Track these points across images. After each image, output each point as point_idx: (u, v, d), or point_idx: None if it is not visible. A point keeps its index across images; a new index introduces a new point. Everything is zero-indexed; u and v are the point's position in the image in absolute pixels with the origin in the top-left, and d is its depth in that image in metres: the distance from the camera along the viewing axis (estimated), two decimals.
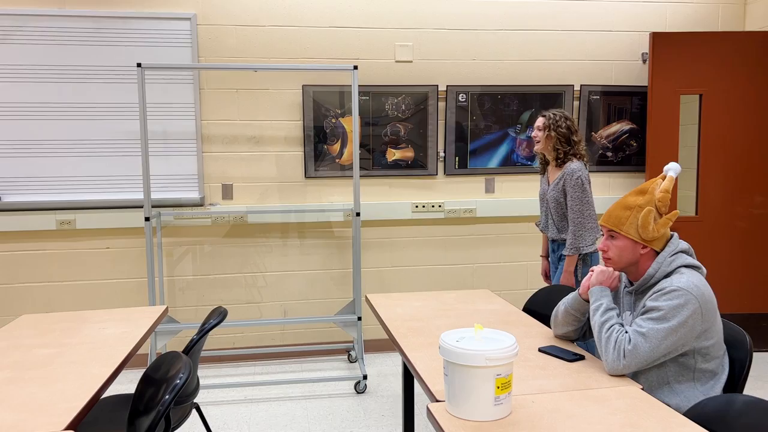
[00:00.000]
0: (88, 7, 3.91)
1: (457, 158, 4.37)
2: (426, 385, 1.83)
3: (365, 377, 3.75)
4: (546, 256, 3.55)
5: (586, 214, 3.16)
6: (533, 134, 3.31)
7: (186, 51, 4.01)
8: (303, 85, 4.15)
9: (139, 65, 3.66)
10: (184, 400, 2.36)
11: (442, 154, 4.35)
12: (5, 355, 2.14)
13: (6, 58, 3.85)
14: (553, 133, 3.23)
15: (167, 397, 1.71)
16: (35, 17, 3.85)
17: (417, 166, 4.34)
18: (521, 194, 4.49)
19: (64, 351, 2.18)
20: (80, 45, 3.91)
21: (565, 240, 3.26)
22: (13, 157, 3.92)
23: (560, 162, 3.24)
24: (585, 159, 3.26)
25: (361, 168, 4.25)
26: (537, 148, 3.31)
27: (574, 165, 3.18)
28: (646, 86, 4.48)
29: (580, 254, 3.18)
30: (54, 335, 2.37)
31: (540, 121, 3.29)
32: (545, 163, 3.41)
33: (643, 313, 1.89)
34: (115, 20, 3.93)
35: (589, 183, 3.20)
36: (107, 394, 2.99)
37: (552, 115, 3.26)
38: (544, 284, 3.93)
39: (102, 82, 3.95)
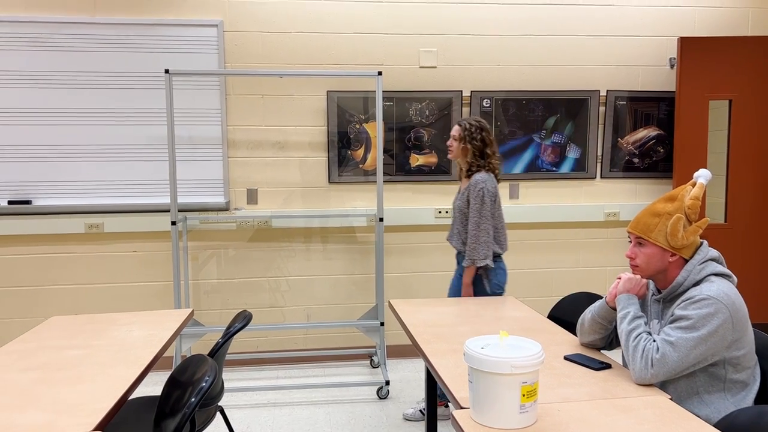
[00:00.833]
0: (118, 14, 3.98)
1: None
2: (450, 392, 1.82)
3: (387, 383, 3.74)
4: None
5: (482, 228, 3.11)
6: (448, 143, 3.28)
7: (213, 57, 4.06)
8: (327, 91, 4.17)
9: (166, 71, 3.71)
10: (209, 403, 2.38)
11: None
12: (35, 356, 2.18)
13: (39, 64, 3.93)
14: (468, 146, 3.20)
15: (193, 399, 1.73)
16: (67, 25, 3.93)
17: (440, 171, 4.33)
18: (546, 200, 4.45)
19: (93, 352, 2.21)
20: (110, 52, 3.98)
21: (464, 253, 3.23)
22: (44, 162, 3.99)
23: (470, 173, 3.21)
24: (496, 172, 3.21)
25: (385, 173, 4.26)
26: (450, 156, 3.30)
27: (479, 176, 3.14)
28: (673, 92, 4.42)
29: (477, 267, 3.15)
30: (82, 337, 2.41)
31: (456, 131, 3.25)
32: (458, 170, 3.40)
33: (671, 322, 1.86)
34: (144, 27, 3.99)
35: (493, 197, 3.14)
36: (133, 395, 3.03)
37: (468, 126, 3.20)
38: (571, 291, 3.89)
39: (130, 88, 4.02)
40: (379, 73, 3.81)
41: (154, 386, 3.91)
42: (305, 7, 4.13)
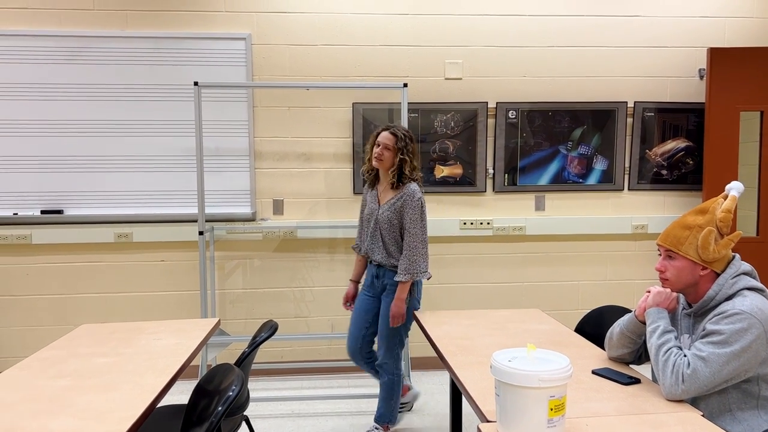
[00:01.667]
0: (149, 28, 4.06)
1: (506, 175, 4.34)
2: (476, 405, 1.81)
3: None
4: (356, 281, 3.36)
5: (422, 239, 3.01)
6: (377, 151, 3.05)
7: (241, 70, 4.11)
8: (353, 103, 4.20)
9: (196, 84, 3.77)
10: (235, 412, 2.39)
11: (491, 171, 4.33)
12: (66, 363, 2.21)
13: (72, 77, 4.02)
14: (402, 156, 3.04)
15: (220, 408, 1.74)
16: (100, 39, 4.02)
17: (465, 182, 4.32)
18: (573, 212, 4.41)
19: (121, 360, 2.24)
20: (141, 65, 4.06)
21: (394, 266, 3.08)
22: (76, 172, 4.08)
23: (400, 184, 3.05)
24: (420, 183, 3.12)
25: None
26: (378, 165, 3.07)
27: (414, 186, 3.03)
28: (703, 103, 4.36)
29: (414, 280, 3.03)
30: (111, 345, 2.44)
31: (389, 140, 3.05)
32: (374, 179, 3.19)
33: (703, 337, 1.83)
34: (174, 41, 4.07)
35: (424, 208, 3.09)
36: (161, 404, 3.06)
37: (402, 135, 3.06)
38: (599, 305, 3.83)
39: (160, 101, 4.09)
40: (405, 85, 3.83)
41: (180, 395, 3.95)
42: (332, 21, 4.17)
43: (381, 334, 3.16)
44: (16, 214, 4.05)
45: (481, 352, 2.31)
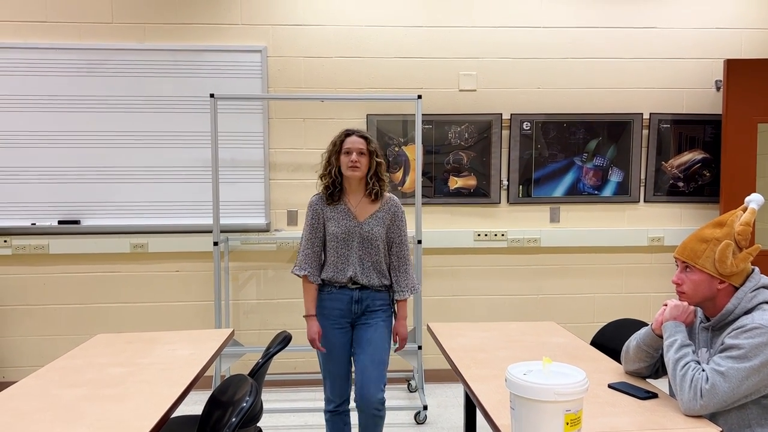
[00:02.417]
0: (166, 41, 4.11)
1: (521, 187, 4.33)
2: (491, 419, 1.80)
3: (425, 407, 3.70)
4: (313, 315, 2.79)
5: (410, 251, 2.87)
6: (353, 159, 2.70)
7: (256, 82, 4.15)
8: (367, 114, 4.21)
9: (212, 96, 3.81)
10: (249, 423, 2.39)
11: (505, 182, 4.32)
12: (81, 373, 2.23)
13: (90, 89, 4.08)
14: (381, 159, 2.80)
15: (234, 419, 1.74)
16: (118, 51, 4.08)
17: (479, 194, 4.32)
18: (588, 224, 4.38)
19: (136, 370, 2.25)
20: (158, 77, 4.11)
21: (383, 286, 2.79)
22: (93, 183, 4.12)
23: (379, 194, 2.77)
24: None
25: (423, 196, 4.26)
26: (356, 174, 2.72)
27: (393, 196, 2.84)
28: (720, 114, 4.33)
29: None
30: (127, 355, 2.46)
31: (362, 143, 2.74)
32: (339, 193, 2.79)
33: (721, 351, 1.80)
34: (191, 53, 4.12)
35: None
36: (175, 414, 3.06)
37: (373, 140, 2.79)
38: (615, 317, 3.79)
39: (177, 112, 4.13)
40: (419, 97, 3.84)
41: (194, 405, 3.95)
42: (346, 33, 4.20)
43: (374, 365, 2.72)
44: (34, 224, 4.10)
45: (495, 365, 2.29)
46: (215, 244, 3.86)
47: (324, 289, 2.81)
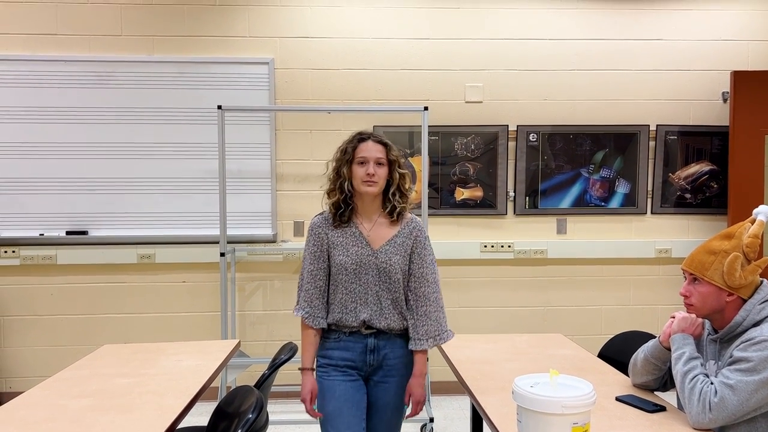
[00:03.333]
0: (175, 53, 4.15)
1: (527, 198, 4.32)
2: (498, 431, 1.79)
3: (432, 420, 3.68)
4: (310, 368, 2.22)
5: (439, 287, 2.26)
6: (368, 171, 2.15)
7: (264, 93, 4.17)
8: (374, 126, 4.23)
9: (219, 107, 3.83)
10: None
11: (512, 193, 4.31)
12: (88, 384, 2.23)
13: (100, 101, 4.11)
14: (405, 172, 2.25)
15: (239, 431, 1.74)
16: (127, 63, 4.11)
17: (486, 205, 4.31)
18: (595, 236, 4.37)
19: (142, 381, 2.25)
20: (166, 89, 4.14)
21: (403, 330, 2.23)
22: (101, 194, 4.14)
23: (398, 214, 2.22)
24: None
25: (430, 207, 4.26)
26: (369, 189, 2.16)
27: (415, 217, 2.29)
28: (726, 126, 4.32)
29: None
30: (133, 365, 2.46)
31: (380, 151, 2.19)
32: (347, 212, 2.22)
33: (730, 364, 1.79)
34: (199, 65, 4.15)
35: None
36: (180, 425, 3.06)
37: (392, 146, 2.24)
38: (622, 330, 3.76)
39: (184, 124, 4.16)
40: (425, 108, 3.85)
41: (200, 416, 3.94)
42: (353, 45, 4.22)
43: None
44: (43, 234, 4.12)
45: (502, 377, 2.28)
46: (222, 254, 3.87)
47: (330, 335, 2.24)
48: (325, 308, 2.24)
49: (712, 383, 1.78)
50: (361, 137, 2.23)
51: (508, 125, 4.29)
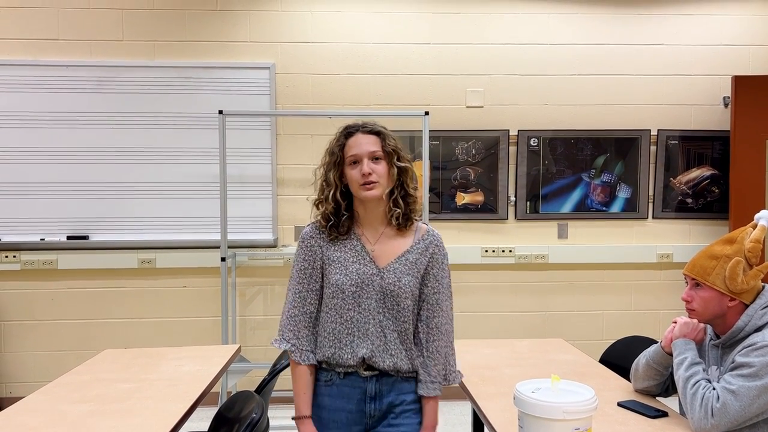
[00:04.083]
0: (176, 58, 4.15)
1: (528, 203, 4.32)
2: None
3: None
4: (308, 416, 1.79)
5: (452, 318, 1.87)
6: (364, 170, 1.76)
7: (264, 98, 4.18)
8: None
9: (220, 112, 3.84)
10: None
11: (512, 198, 4.31)
12: (88, 389, 2.22)
13: (101, 106, 4.11)
14: (407, 165, 1.84)
15: None
16: (128, 68, 4.12)
17: (487, 210, 4.31)
18: (596, 241, 4.37)
19: (143, 386, 2.25)
20: (167, 93, 4.14)
21: (412, 372, 1.81)
22: (102, 199, 4.14)
23: (405, 220, 1.82)
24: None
25: (430, 211, 4.26)
26: (369, 193, 1.76)
27: (432, 228, 1.89)
28: (728, 131, 4.32)
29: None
30: (133, 371, 2.45)
31: (374, 143, 1.81)
32: (345, 222, 1.83)
33: (732, 369, 1.79)
34: (200, 70, 4.15)
35: None
36: (181, 431, 3.05)
37: (389, 134, 1.87)
38: (623, 335, 3.75)
39: (185, 128, 4.16)
40: (426, 113, 3.85)
41: (200, 422, 3.93)
42: (354, 50, 4.23)
43: None
44: (43, 239, 4.12)
45: (503, 382, 2.28)
46: (223, 259, 3.87)
47: (320, 376, 1.81)
48: (312, 341, 1.81)
49: (714, 389, 1.77)
50: (348, 131, 1.86)
51: (509, 130, 4.29)
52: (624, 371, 2.45)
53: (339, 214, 1.82)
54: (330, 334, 1.78)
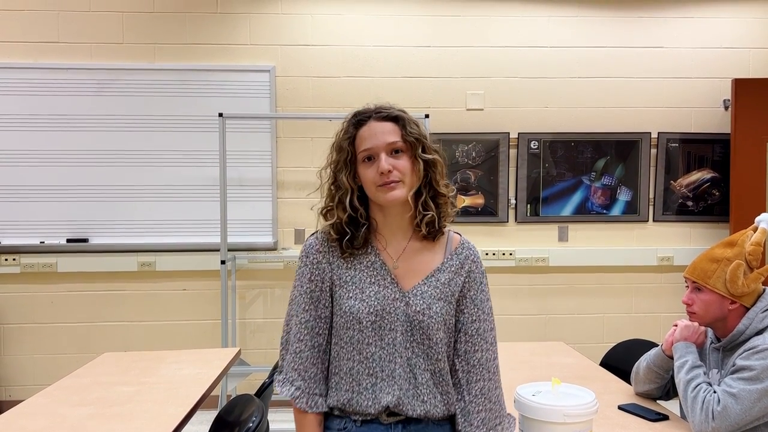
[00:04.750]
0: (176, 61, 4.16)
1: (528, 205, 4.32)
2: None
3: None
4: None
5: (496, 352, 1.54)
6: (382, 168, 1.42)
7: (265, 101, 4.18)
8: None
9: (220, 115, 3.84)
10: None
11: (513, 201, 4.31)
12: (88, 392, 2.22)
13: (101, 108, 4.11)
14: (436, 158, 1.52)
15: None
16: (128, 71, 4.12)
17: (487, 213, 4.31)
18: (596, 243, 4.36)
19: (143, 389, 2.24)
20: (167, 96, 4.15)
21: (447, 417, 1.45)
22: (102, 201, 4.14)
23: (434, 228, 1.51)
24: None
25: None
26: (391, 197, 1.42)
27: (468, 240, 1.62)
28: (728, 134, 4.32)
29: None
30: (133, 374, 2.45)
31: (393, 132, 1.48)
32: (362, 233, 1.48)
33: (732, 372, 1.78)
34: (200, 73, 4.15)
35: None
36: None
37: (411, 119, 1.55)
38: (624, 338, 3.75)
39: (186, 131, 4.16)
40: (426, 116, 3.85)
41: (200, 425, 3.93)
42: (354, 53, 4.23)
43: None
44: (43, 242, 4.12)
45: (504, 385, 2.26)
46: (222, 262, 3.86)
47: (331, 425, 1.46)
48: (323, 382, 1.46)
49: (715, 392, 1.77)
50: (358, 119, 1.49)
51: (509, 133, 4.29)
52: (625, 374, 2.45)
53: (357, 223, 1.44)
54: (347, 374, 1.41)
